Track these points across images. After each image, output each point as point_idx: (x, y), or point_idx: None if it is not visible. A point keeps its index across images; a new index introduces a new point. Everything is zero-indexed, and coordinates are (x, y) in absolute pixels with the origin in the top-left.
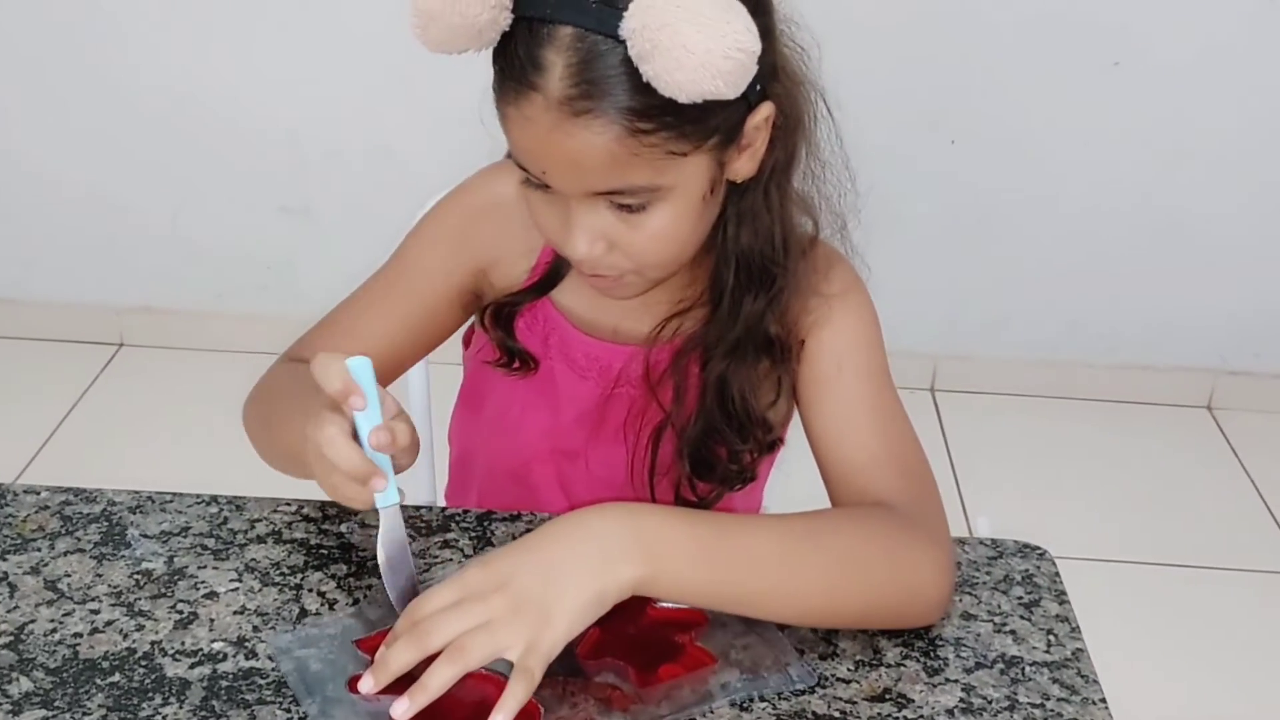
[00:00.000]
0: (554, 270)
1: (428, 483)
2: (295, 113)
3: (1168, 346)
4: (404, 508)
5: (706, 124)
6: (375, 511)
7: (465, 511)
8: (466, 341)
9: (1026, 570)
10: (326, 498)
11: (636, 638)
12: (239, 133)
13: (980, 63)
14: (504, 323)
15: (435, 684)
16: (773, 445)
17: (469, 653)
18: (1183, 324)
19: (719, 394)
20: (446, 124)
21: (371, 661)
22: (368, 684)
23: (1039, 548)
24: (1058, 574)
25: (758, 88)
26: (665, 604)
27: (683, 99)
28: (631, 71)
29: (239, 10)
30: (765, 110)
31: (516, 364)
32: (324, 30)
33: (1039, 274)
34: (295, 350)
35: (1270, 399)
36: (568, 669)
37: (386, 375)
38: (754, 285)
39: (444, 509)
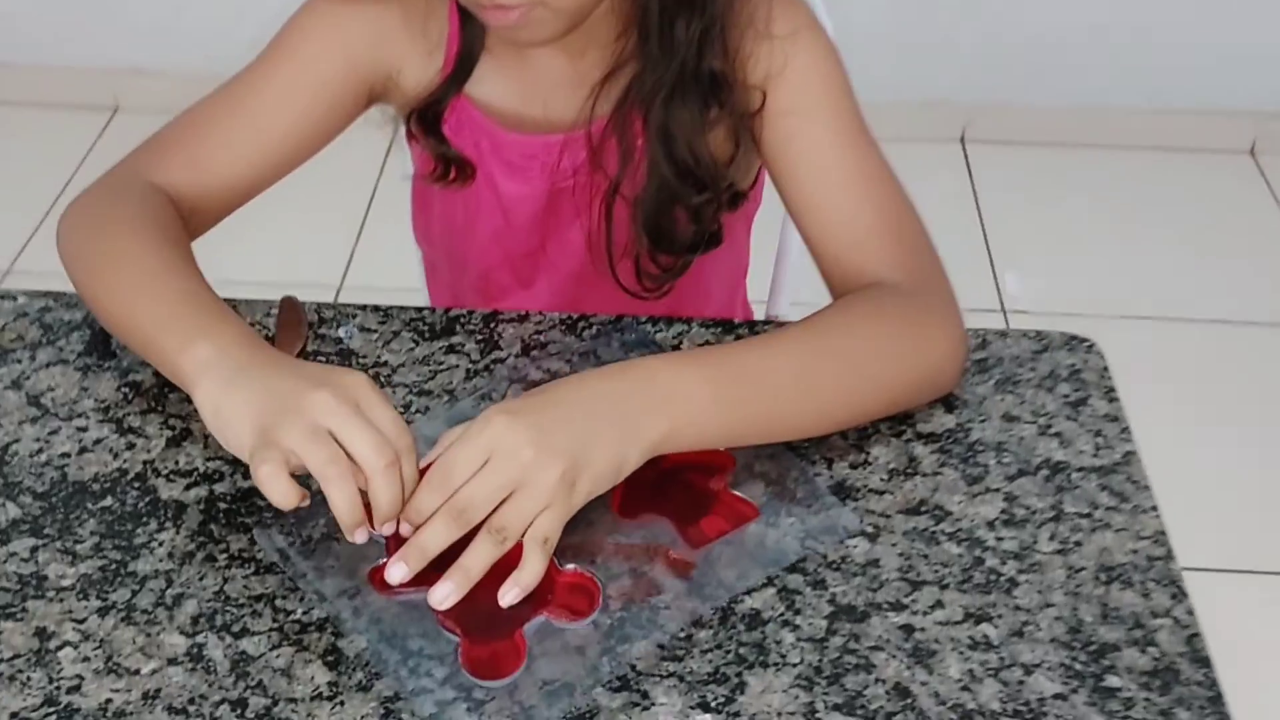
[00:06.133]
0: (466, 58)
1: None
2: None
3: (1209, 89)
4: (406, 309)
5: None
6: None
7: (470, 313)
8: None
9: (1073, 365)
10: (320, 300)
11: (663, 487)
12: None
13: None
14: (431, 126)
15: (477, 566)
16: (735, 199)
17: (510, 531)
18: (1224, 65)
19: (665, 146)
20: None
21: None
22: (399, 572)
23: (1087, 340)
24: (1106, 369)
25: None
26: None
27: None
28: None
29: None
30: None
31: (453, 174)
32: None
33: (1078, 14)
34: (149, 158)
35: None
36: (606, 529)
37: (267, 178)
38: (682, 9)
39: (447, 311)
